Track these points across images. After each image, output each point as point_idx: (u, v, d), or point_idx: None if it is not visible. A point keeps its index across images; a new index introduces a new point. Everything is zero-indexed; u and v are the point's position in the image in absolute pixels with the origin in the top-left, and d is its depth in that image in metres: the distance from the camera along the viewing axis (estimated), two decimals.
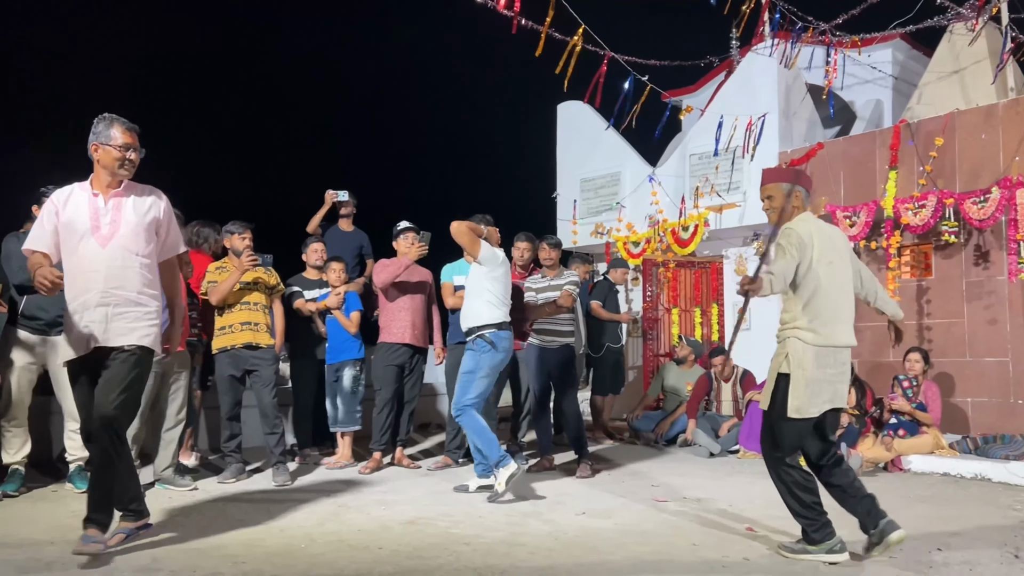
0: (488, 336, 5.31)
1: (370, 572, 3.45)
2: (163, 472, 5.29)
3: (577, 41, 7.37)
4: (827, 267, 3.75)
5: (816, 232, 3.79)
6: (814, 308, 3.71)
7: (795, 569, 3.59)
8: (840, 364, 3.77)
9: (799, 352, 3.68)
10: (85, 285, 3.62)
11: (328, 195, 7.50)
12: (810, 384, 3.65)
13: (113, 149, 3.68)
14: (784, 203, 3.85)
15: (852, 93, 10.42)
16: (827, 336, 3.70)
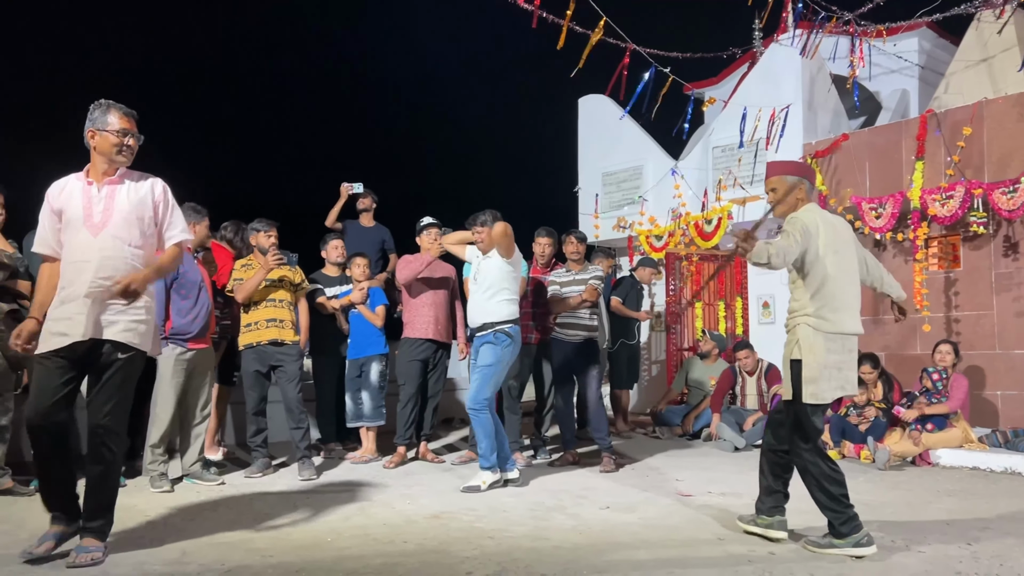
0: (508, 330, 5.35)
1: (396, 565, 3.47)
2: (191, 467, 5.35)
3: (598, 34, 7.34)
4: (834, 256, 3.81)
5: (822, 222, 3.86)
6: (823, 296, 3.78)
7: (821, 563, 3.57)
8: (848, 351, 3.83)
9: (809, 338, 3.76)
10: (74, 275, 3.50)
11: (343, 188, 7.54)
12: (822, 369, 3.72)
13: (110, 135, 3.57)
14: (788, 195, 3.92)
15: (877, 83, 10.31)
16: (835, 323, 3.77)
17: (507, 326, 5.38)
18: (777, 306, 9.20)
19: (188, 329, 5.21)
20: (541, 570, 3.42)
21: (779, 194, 3.96)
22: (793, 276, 3.90)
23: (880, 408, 6.62)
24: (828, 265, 3.79)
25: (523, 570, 3.42)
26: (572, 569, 3.44)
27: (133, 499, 4.80)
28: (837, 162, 8.40)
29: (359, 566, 3.46)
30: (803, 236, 3.74)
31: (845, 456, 6.60)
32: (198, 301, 5.26)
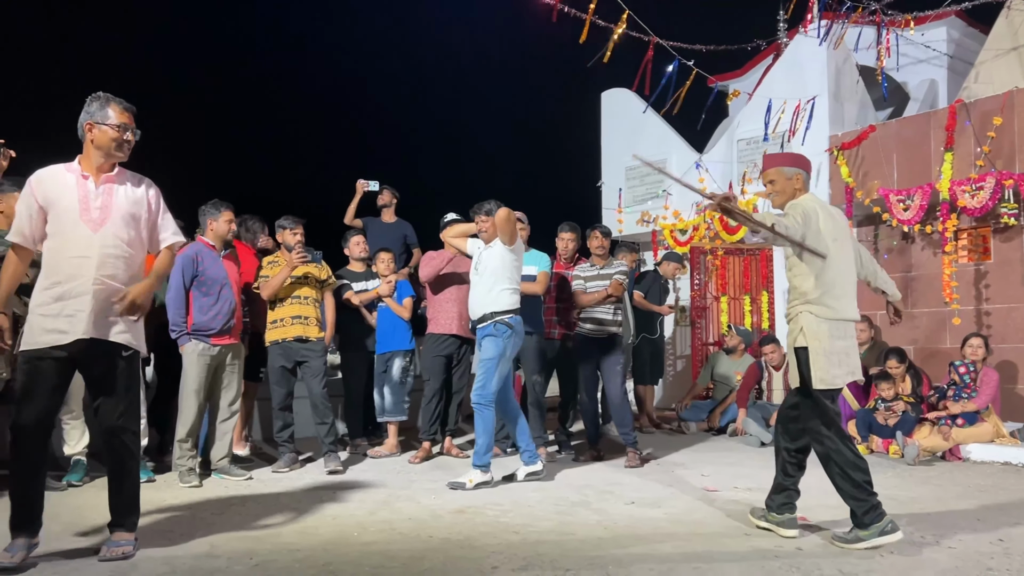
0: (508, 320, 5.31)
1: (421, 559, 3.49)
2: (219, 462, 5.40)
3: (622, 27, 7.30)
4: (833, 244, 3.87)
5: (821, 209, 3.92)
6: (824, 283, 3.84)
7: (849, 559, 3.53)
8: (851, 337, 3.92)
9: (813, 325, 3.81)
10: (73, 271, 3.39)
11: (359, 184, 7.57)
12: (829, 355, 3.78)
13: (109, 129, 3.48)
14: (786, 186, 4.01)
15: (905, 73, 10.16)
16: (838, 310, 3.85)
17: (507, 316, 5.34)
18: None
19: (209, 325, 5.27)
20: (566, 565, 3.42)
21: (777, 186, 4.04)
22: (793, 263, 3.94)
23: (908, 402, 6.55)
24: (833, 253, 3.84)
25: (548, 564, 3.42)
26: (597, 564, 3.44)
27: (162, 494, 4.87)
28: (864, 154, 8.30)
29: (385, 560, 3.48)
30: (805, 218, 3.79)
31: (873, 451, 6.53)
32: (220, 298, 5.30)
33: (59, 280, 3.40)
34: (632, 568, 3.38)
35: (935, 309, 8.07)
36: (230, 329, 5.36)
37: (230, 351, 5.40)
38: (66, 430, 5.23)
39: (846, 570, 3.38)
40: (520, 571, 3.34)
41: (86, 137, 3.51)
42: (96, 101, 3.52)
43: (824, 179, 8.59)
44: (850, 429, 6.79)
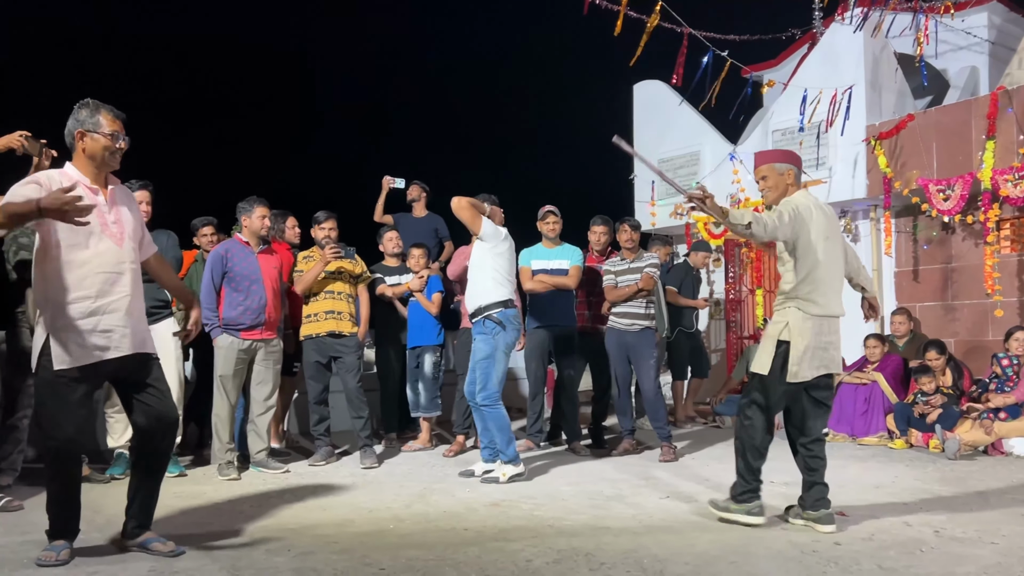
0: (496, 316, 5.23)
1: (456, 552, 3.51)
2: (257, 455, 5.48)
3: (655, 19, 7.25)
4: (825, 242, 3.95)
5: (815, 207, 4.00)
6: (813, 280, 3.93)
7: (889, 554, 3.49)
8: (834, 332, 4.02)
9: (799, 321, 3.91)
10: (105, 287, 3.33)
11: (385, 181, 7.61)
12: (807, 351, 3.90)
13: (102, 137, 3.38)
14: (778, 182, 4.09)
15: (945, 61, 9.95)
16: (824, 306, 3.94)
17: (495, 311, 5.23)
18: None
19: (239, 320, 5.36)
20: (601, 558, 3.42)
21: (770, 181, 4.12)
22: (785, 259, 4.03)
23: (947, 394, 6.44)
24: (820, 251, 3.93)
25: (583, 558, 3.42)
26: (633, 558, 3.43)
27: (202, 487, 4.95)
28: (902, 143, 8.16)
29: (421, 552, 3.51)
30: (793, 219, 3.87)
31: (912, 445, 6.44)
32: (249, 294, 5.38)
33: (89, 295, 3.31)
34: (667, 563, 3.37)
35: (977, 301, 7.92)
36: (261, 324, 5.42)
37: (263, 346, 5.47)
38: (110, 423, 5.35)
39: (886, 565, 3.34)
40: (554, 564, 3.34)
41: (76, 146, 3.40)
42: (85, 108, 3.41)
43: (862, 170, 8.46)
44: (888, 423, 6.69)
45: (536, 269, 6.32)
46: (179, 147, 14.19)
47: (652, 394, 6.10)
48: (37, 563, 3.26)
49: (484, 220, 5.28)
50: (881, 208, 8.52)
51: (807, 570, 3.29)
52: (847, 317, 4.07)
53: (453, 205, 5.25)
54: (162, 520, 3.95)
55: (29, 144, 4.14)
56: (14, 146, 4.11)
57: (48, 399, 3.30)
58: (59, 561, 3.27)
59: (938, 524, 4.00)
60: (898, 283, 8.61)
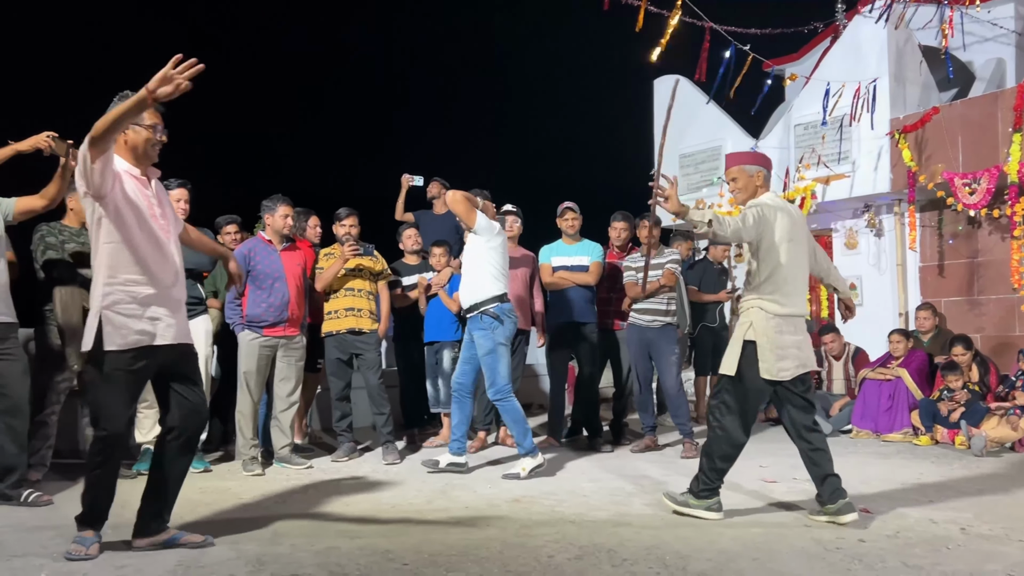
0: (493, 311, 5.24)
1: (479, 548, 3.52)
2: (280, 451, 5.53)
3: (677, 13, 7.21)
4: (789, 244, 4.04)
5: (781, 209, 4.10)
6: (776, 281, 4.03)
7: (914, 551, 3.46)
8: (801, 331, 4.11)
9: (762, 321, 4.01)
10: (158, 276, 3.39)
11: (404, 179, 7.63)
12: (776, 349, 3.97)
13: (144, 129, 3.40)
14: (748, 183, 4.19)
15: (970, 52, 9.80)
16: (787, 306, 4.03)
17: (492, 306, 5.24)
18: (864, 288, 8.91)
19: (262, 317, 5.42)
20: (623, 554, 3.42)
21: (740, 183, 4.23)
22: (750, 259, 4.14)
23: (974, 392, 6.36)
24: (783, 253, 4.02)
25: (605, 555, 3.42)
26: (655, 555, 3.43)
27: (227, 482, 5.00)
28: (927, 137, 8.07)
29: (443, 548, 3.53)
30: (758, 221, 3.98)
31: (938, 442, 6.37)
32: (272, 291, 5.43)
33: (142, 281, 3.35)
34: (689, 559, 3.36)
35: (1003, 296, 7.81)
36: (284, 321, 5.47)
37: (286, 342, 5.51)
38: (139, 418, 5.42)
39: (911, 562, 3.31)
40: (576, 560, 3.35)
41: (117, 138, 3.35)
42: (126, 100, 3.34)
43: (885, 163, 8.37)
44: (913, 419, 6.63)
45: (556, 265, 6.33)
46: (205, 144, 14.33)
47: (674, 391, 6.08)
48: (67, 557, 3.31)
49: (479, 214, 5.28)
50: (905, 202, 8.43)
51: (831, 567, 3.27)
52: (871, 314, 4.06)
53: (448, 198, 5.28)
54: (187, 514, 4.00)
55: (56, 144, 4.20)
56: (41, 146, 4.18)
57: (102, 386, 3.32)
58: (88, 556, 3.31)
59: (964, 521, 3.97)
60: (923, 278, 8.52)
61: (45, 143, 4.18)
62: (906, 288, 8.57)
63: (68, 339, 4.84)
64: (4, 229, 4.47)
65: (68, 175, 4.42)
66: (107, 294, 3.31)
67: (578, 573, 3.20)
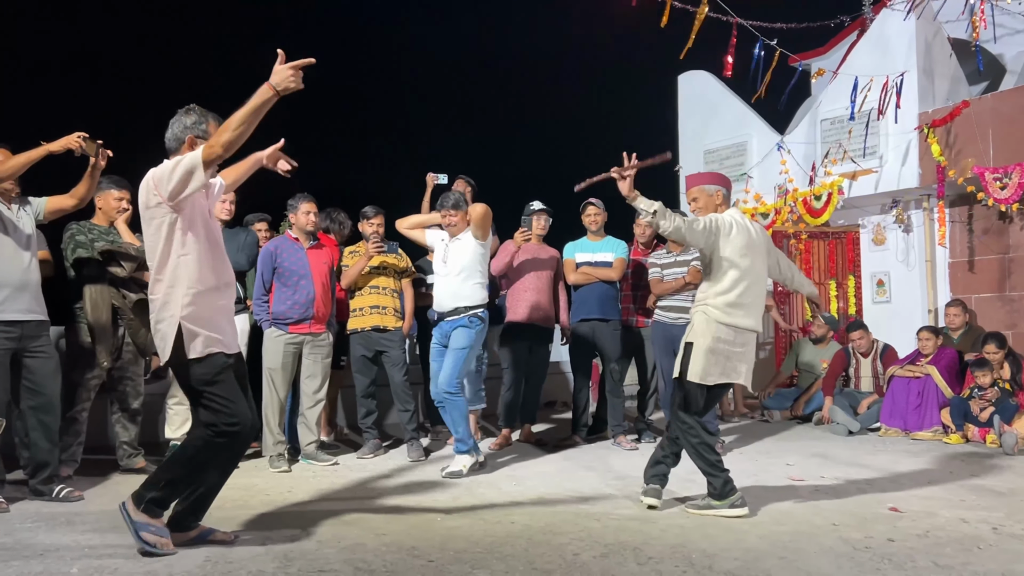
0: (480, 314, 5.27)
1: (503, 545, 3.53)
2: (306, 448, 5.57)
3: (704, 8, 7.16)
4: (742, 259, 4.15)
5: (737, 225, 4.20)
6: (726, 292, 4.13)
7: (944, 551, 3.41)
8: (741, 344, 4.17)
9: (702, 324, 4.14)
10: (225, 286, 3.47)
11: (429, 178, 7.63)
12: (707, 354, 4.09)
13: None
14: (708, 202, 4.35)
15: (1001, 45, 9.66)
16: (732, 316, 4.13)
17: (479, 310, 5.28)
18: (892, 284, 8.81)
19: (287, 315, 5.46)
20: (649, 553, 3.41)
21: (700, 203, 4.39)
22: (710, 270, 4.23)
23: (1005, 390, 6.27)
24: (737, 266, 4.13)
25: (630, 553, 3.41)
26: (680, 553, 3.41)
27: (253, 479, 5.04)
28: (957, 131, 7.95)
29: (468, 545, 3.53)
30: (708, 229, 4.11)
31: (969, 440, 6.28)
32: (297, 289, 5.47)
33: (216, 288, 3.39)
34: (716, 558, 3.34)
35: None
36: (309, 318, 5.50)
37: (311, 340, 5.54)
38: (169, 415, 5.51)
39: (941, 562, 3.27)
40: (601, 558, 3.34)
41: (181, 150, 3.37)
42: (193, 114, 3.42)
43: (914, 158, 8.26)
44: (943, 417, 6.54)
45: (580, 262, 6.31)
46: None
47: None
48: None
49: None
50: (934, 197, 8.32)
51: (860, 567, 3.23)
52: (899, 311, 4.02)
53: (483, 211, 5.30)
54: (215, 510, 4.03)
55: (87, 145, 4.25)
56: (72, 147, 4.23)
57: (216, 386, 3.33)
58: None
59: (996, 521, 3.91)
60: (952, 274, 8.40)
61: (76, 144, 4.23)
62: (935, 284, 8.45)
63: (98, 337, 4.91)
64: (36, 228, 4.54)
65: (97, 175, 4.48)
66: (184, 304, 3.30)
67: (603, 571, 3.19)
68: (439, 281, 5.40)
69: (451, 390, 5.19)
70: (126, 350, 5.12)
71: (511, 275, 6.36)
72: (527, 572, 3.18)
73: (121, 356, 5.10)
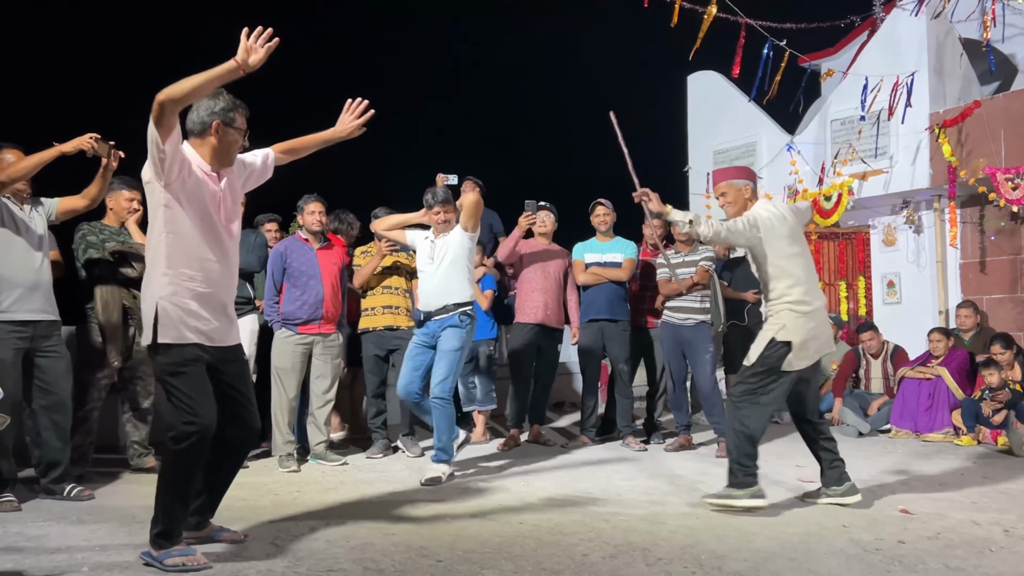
0: (470, 312, 5.12)
1: (512, 545, 3.53)
2: (316, 448, 5.58)
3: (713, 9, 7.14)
4: (793, 245, 4.25)
5: (775, 216, 4.25)
6: (798, 280, 4.21)
7: (956, 552, 3.40)
8: (823, 321, 4.32)
9: (793, 320, 4.17)
10: (214, 277, 3.30)
11: (439, 178, 7.63)
12: (804, 344, 4.16)
13: (237, 134, 3.32)
14: (738, 197, 4.39)
15: (1013, 45, 9.59)
16: (811, 302, 4.22)
17: (469, 308, 5.12)
18: (903, 285, 8.77)
19: (296, 315, 5.48)
20: (658, 554, 3.40)
21: (729, 197, 4.43)
22: (765, 268, 4.28)
23: (1015, 392, 6.23)
24: (793, 254, 4.24)
25: (640, 553, 3.41)
26: (690, 554, 3.40)
27: (263, 478, 5.06)
28: (968, 131, 7.91)
29: (477, 545, 3.53)
30: (749, 226, 4.18)
31: (980, 442, 6.25)
32: (306, 289, 5.48)
33: (199, 278, 3.23)
34: (725, 559, 3.33)
35: None
36: (319, 319, 5.51)
37: (320, 340, 5.55)
38: None
39: (952, 564, 3.25)
40: (610, 559, 3.34)
41: (206, 133, 3.27)
42: (223, 99, 3.29)
43: (924, 159, 8.23)
44: (954, 419, 6.51)
45: (589, 262, 6.31)
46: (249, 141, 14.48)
47: (708, 389, 6.03)
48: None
49: None
50: (945, 198, 8.28)
51: (870, 569, 3.22)
52: (909, 312, 4.06)
53: (475, 199, 5.19)
54: (223, 509, 4.04)
55: (99, 146, 4.27)
56: (84, 147, 4.25)
57: (180, 380, 3.17)
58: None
59: (1008, 523, 3.89)
60: (964, 275, 8.35)
61: (88, 144, 4.25)
62: (946, 285, 8.41)
63: (109, 336, 4.94)
64: (48, 228, 4.57)
65: (109, 175, 4.50)
66: (164, 284, 3.19)
67: (612, 572, 3.19)
68: (426, 279, 5.18)
69: (444, 396, 4.98)
70: (136, 350, 5.14)
71: (519, 274, 6.36)
72: (536, 572, 3.18)
73: (132, 356, 5.12)
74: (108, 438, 5.69)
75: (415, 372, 5.12)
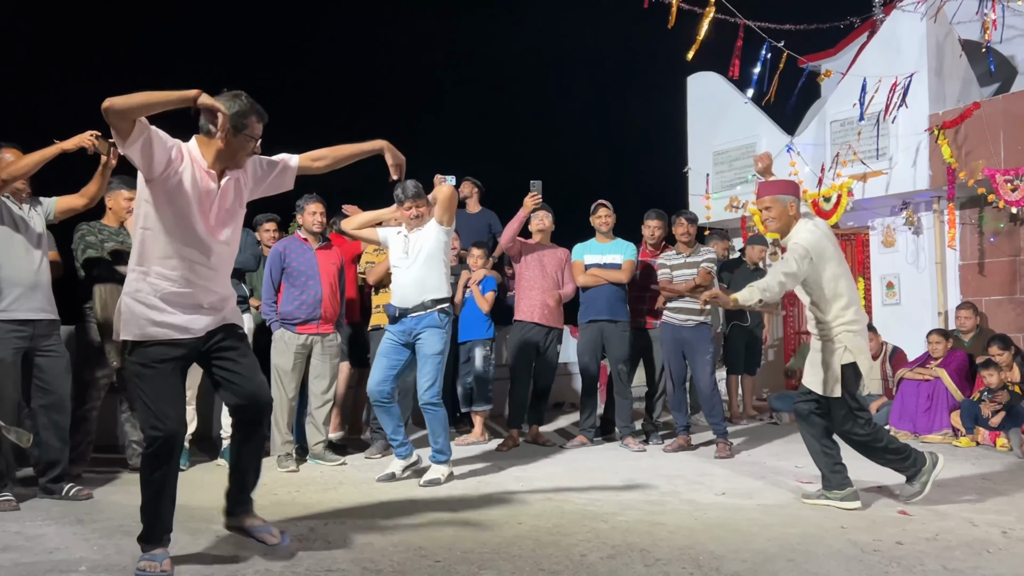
0: (448, 309, 5.03)
1: (511, 546, 3.53)
2: (314, 448, 5.58)
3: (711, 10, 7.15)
4: (841, 265, 4.30)
5: (821, 236, 4.27)
6: (850, 300, 4.27)
7: (954, 554, 3.40)
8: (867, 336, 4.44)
9: (855, 342, 4.24)
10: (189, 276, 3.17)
11: (437, 179, 7.63)
12: (864, 361, 4.26)
13: (251, 142, 3.24)
14: (783, 213, 4.34)
15: (1012, 46, 9.60)
16: (861, 319, 4.31)
17: (447, 305, 4.99)
18: (902, 286, 8.77)
19: (294, 315, 5.48)
20: (656, 554, 3.40)
21: (774, 212, 4.37)
22: (811, 290, 4.31)
23: (1014, 394, 6.23)
24: (843, 273, 4.29)
25: (638, 554, 3.41)
26: (689, 555, 3.40)
27: (261, 478, 5.02)
28: (968, 132, 7.92)
29: (476, 545, 3.53)
30: (802, 260, 4.18)
31: (980, 443, 6.25)
32: (305, 289, 5.48)
33: (174, 277, 3.13)
34: (724, 560, 3.34)
35: None
36: (317, 319, 5.51)
37: (319, 340, 5.55)
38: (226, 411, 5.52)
39: (951, 566, 3.25)
40: (609, 560, 3.34)
41: (217, 132, 3.12)
42: (239, 101, 3.18)
43: (924, 160, 8.23)
44: (953, 421, 6.51)
45: (589, 263, 6.31)
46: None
47: (708, 390, 6.03)
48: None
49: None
50: (945, 199, 8.28)
51: (869, 570, 3.22)
52: (908, 313, 4.09)
53: (447, 191, 5.10)
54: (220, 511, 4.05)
55: (99, 143, 4.27)
56: (85, 145, 4.25)
57: (143, 383, 3.10)
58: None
59: (1006, 524, 3.89)
60: (963, 276, 8.36)
61: (89, 142, 4.25)
62: (945, 287, 8.42)
63: (108, 336, 4.93)
64: (46, 228, 4.56)
65: (108, 174, 4.51)
66: (130, 280, 3.14)
67: (611, 572, 3.19)
68: (400, 274, 5.00)
69: (434, 400, 4.91)
70: None
71: (518, 274, 6.36)
72: (534, 573, 3.18)
73: None
74: (107, 438, 5.69)
75: (390, 371, 4.99)
